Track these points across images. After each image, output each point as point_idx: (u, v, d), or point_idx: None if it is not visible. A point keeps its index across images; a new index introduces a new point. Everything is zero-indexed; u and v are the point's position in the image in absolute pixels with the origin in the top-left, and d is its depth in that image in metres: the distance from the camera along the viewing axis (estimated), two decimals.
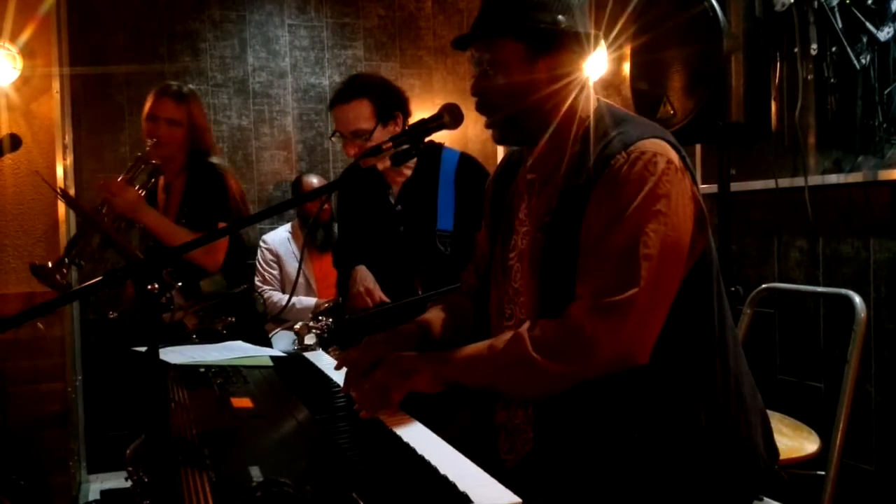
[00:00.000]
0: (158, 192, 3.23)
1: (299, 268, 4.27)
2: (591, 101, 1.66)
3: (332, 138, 2.86)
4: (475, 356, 1.56)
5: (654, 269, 1.42)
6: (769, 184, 3.12)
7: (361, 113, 2.66)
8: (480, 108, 1.70)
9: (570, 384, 1.46)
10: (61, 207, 3.89)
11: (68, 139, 4.10)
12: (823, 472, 2.27)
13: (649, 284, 1.42)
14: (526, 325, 1.50)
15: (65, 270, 2.92)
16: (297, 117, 4.91)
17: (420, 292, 2.65)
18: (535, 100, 1.64)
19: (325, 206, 4.37)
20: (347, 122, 2.68)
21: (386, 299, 2.65)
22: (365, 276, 2.69)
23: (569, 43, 1.63)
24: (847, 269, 2.88)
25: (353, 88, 2.69)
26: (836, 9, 2.85)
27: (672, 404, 1.51)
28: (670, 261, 1.45)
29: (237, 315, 2.75)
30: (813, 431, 2.46)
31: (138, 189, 3.02)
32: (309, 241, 4.47)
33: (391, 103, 2.72)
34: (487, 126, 1.71)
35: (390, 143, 1.71)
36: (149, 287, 1.39)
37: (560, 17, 1.60)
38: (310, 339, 2.84)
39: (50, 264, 2.90)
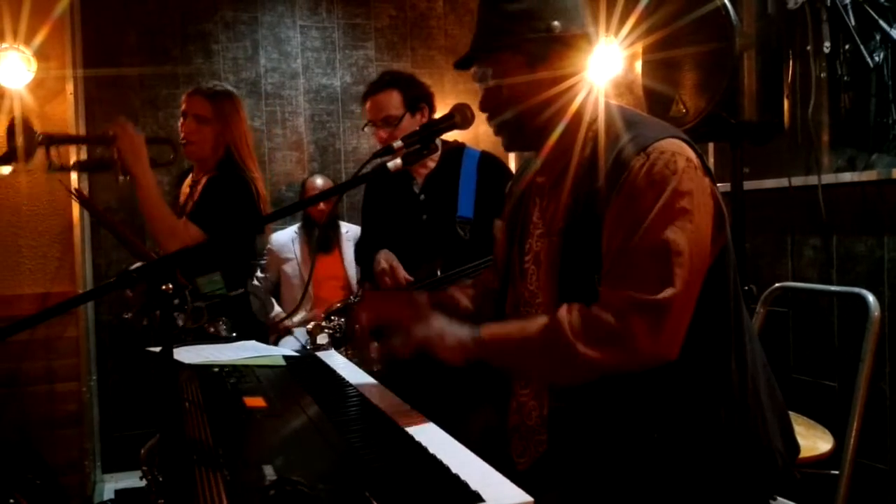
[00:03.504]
0: (184, 187, 3.20)
1: (311, 272, 4.26)
2: (599, 104, 1.66)
3: (365, 129, 3.01)
4: (508, 338, 1.56)
5: (686, 269, 1.42)
6: (782, 182, 3.11)
7: (391, 101, 2.86)
8: (492, 119, 1.72)
9: (601, 373, 1.46)
10: (76, 209, 3.92)
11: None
12: (837, 472, 2.26)
13: (684, 284, 1.42)
14: (563, 309, 1.48)
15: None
16: (308, 118, 4.92)
17: (439, 274, 2.75)
18: (540, 104, 1.65)
19: (323, 207, 4.39)
20: (379, 108, 2.88)
21: (409, 278, 2.75)
22: (388, 256, 2.81)
23: (566, 47, 1.63)
24: (861, 268, 2.86)
25: (384, 81, 2.92)
26: (848, 6, 2.84)
27: (688, 403, 1.51)
28: (698, 259, 1.45)
29: (233, 319, 2.71)
30: (827, 430, 2.45)
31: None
32: (310, 242, 4.49)
33: (418, 95, 2.90)
34: (496, 133, 1.72)
35: (402, 144, 1.72)
36: (163, 287, 1.40)
37: (555, 22, 1.61)
38: (322, 339, 2.86)
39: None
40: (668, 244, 1.42)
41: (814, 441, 2.34)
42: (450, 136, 2.73)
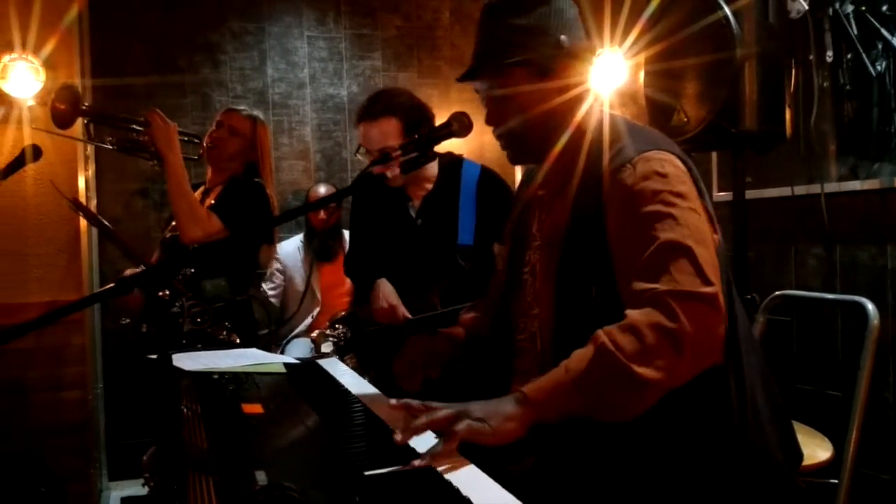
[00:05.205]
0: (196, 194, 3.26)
1: (308, 281, 4.27)
2: (600, 115, 1.67)
3: (358, 154, 2.75)
4: (557, 386, 1.39)
5: (714, 267, 1.39)
6: (785, 191, 3.11)
7: (389, 131, 2.61)
8: (500, 132, 1.71)
9: (665, 391, 1.36)
10: (83, 217, 3.94)
11: (90, 150, 4.15)
12: (837, 481, 2.26)
13: (718, 282, 1.37)
14: (604, 337, 1.36)
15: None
16: (315, 127, 4.94)
17: (439, 307, 2.63)
18: (546, 116, 1.66)
19: (323, 215, 4.41)
20: (375, 139, 2.63)
21: (409, 315, 2.61)
22: (389, 293, 2.65)
23: (572, 59, 1.66)
24: (864, 277, 2.86)
25: (381, 106, 2.65)
26: (850, 16, 2.85)
27: (684, 420, 1.48)
28: (714, 256, 1.43)
29: (235, 324, 2.75)
30: (826, 438, 2.44)
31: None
32: (309, 251, 4.51)
33: (419, 119, 2.66)
34: (503, 147, 1.73)
35: (399, 152, 1.72)
36: (159, 294, 1.41)
37: (562, 37, 1.63)
38: (326, 348, 2.86)
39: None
40: (687, 245, 1.39)
41: (812, 449, 2.34)
42: (457, 147, 2.70)
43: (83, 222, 3.95)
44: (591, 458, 1.51)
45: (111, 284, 1.36)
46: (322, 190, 4.61)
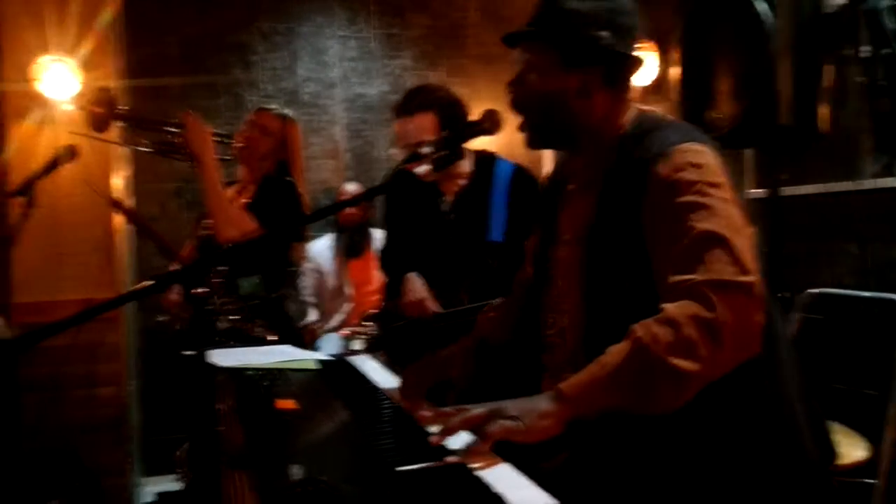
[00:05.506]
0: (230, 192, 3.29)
1: (339, 276, 4.29)
2: (630, 111, 1.66)
3: (394, 150, 2.76)
4: (593, 381, 1.36)
5: (751, 257, 1.37)
6: (820, 188, 3.08)
7: (426, 126, 2.59)
8: (513, 106, 1.71)
9: (704, 383, 1.34)
10: (117, 217, 3.98)
11: (126, 151, 4.19)
12: (873, 481, 2.23)
13: (757, 272, 1.35)
14: (640, 330, 1.34)
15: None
16: (345, 126, 4.97)
17: (465, 302, 2.62)
18: (564, 108, 1.63)
19: (353, 211, 4.42)
20: (412, 134, 2.61)
21: (438, 310, 2.61)
22: (418, 286, 2.65)
23: (605, 59, 1.61)
24: None
25: (417, 101, 2.65)
26: (886, 10, 2.80)
27: (718, 419, 1.46)
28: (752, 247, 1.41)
29: (269, 321, 2.77)
30: (862, 437, 2.42)
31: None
32: (339, 248, 4.54)
33: (455, 115, 2.64)
34: (520, 129, 1.72)
35: (431, 149, 1.72)
36: (198, 291, 1.43)
37: (604, 32, 1.59)
38: (358, 344, 2.87)
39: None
40: (724, 235, 1.36)
41: (848, 449, 2.31)
42: (486, 144, 2.70)
43: (118, 221, 3.99)
44: (623, 453, 1.51)
45: (147, 282, 1.38)
46: (350, 188, 4.64)
